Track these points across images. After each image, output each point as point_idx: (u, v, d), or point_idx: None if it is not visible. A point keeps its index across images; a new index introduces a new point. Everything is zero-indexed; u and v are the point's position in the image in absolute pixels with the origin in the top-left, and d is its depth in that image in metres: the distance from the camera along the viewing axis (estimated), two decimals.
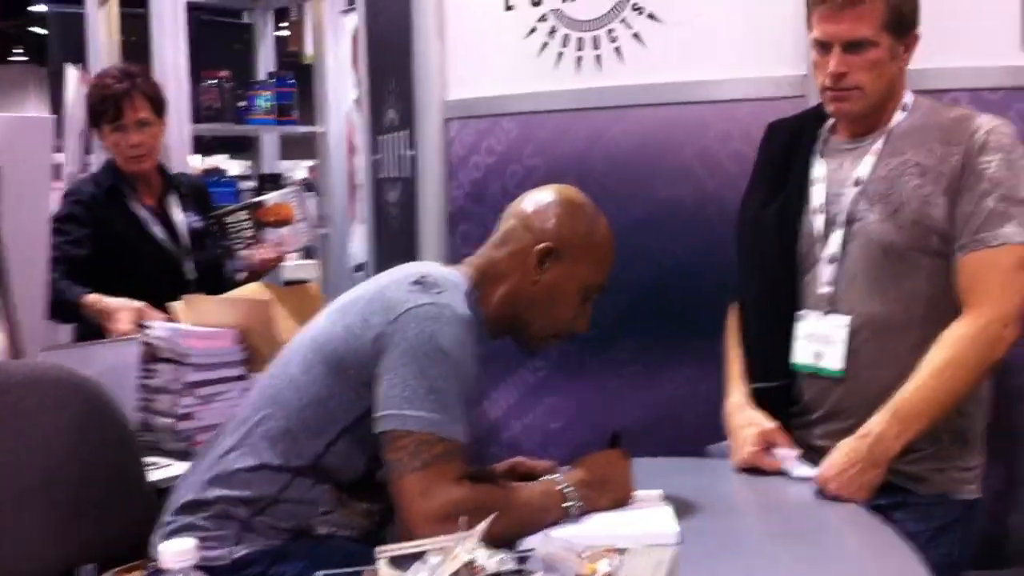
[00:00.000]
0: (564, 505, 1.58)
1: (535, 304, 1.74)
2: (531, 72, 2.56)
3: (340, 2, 4.79)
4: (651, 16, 2.39)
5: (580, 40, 2.47)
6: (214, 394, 2.35)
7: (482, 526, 0.93)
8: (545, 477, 1.64)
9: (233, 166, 6.88)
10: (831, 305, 1.92)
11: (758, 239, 2.04)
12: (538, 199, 1.79)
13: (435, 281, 1.64)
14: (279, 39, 5.43)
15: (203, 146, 4.86)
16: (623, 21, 2.42)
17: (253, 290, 2.71)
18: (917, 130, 1.92)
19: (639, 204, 2.42)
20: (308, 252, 6.08)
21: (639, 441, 2.30)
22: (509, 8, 2.59)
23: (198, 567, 1.08)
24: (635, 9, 2.40)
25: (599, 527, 1.53)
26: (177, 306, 2.55)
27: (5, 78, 16.07)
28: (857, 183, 1.92)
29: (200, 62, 4.40)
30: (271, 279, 3.01)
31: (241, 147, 5.58)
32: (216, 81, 4.40)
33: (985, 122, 1.87)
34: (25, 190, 2.23)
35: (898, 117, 1.94)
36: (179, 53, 4.22)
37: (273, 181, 4.68)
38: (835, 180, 1.96)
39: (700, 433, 2.12)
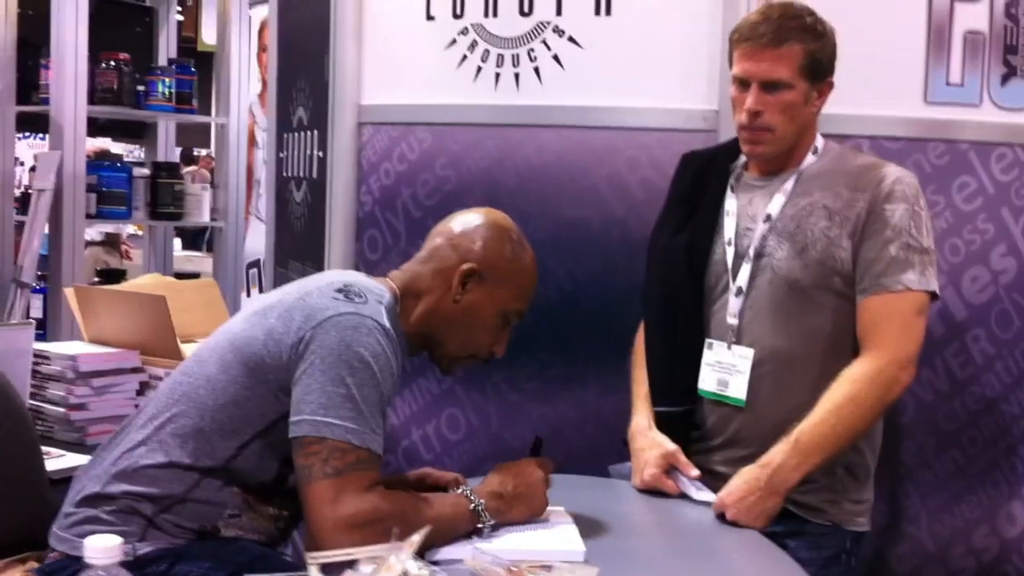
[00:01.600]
0: (474, 520, 1.60)
1: (453, 323, 1.77)
2: (449, 84, 2.58)
3: None
4: (571, 39, 2.44)
5: (500, 57, 2.51)
6: (108, 385, 2.32)
7: (416, 537, 0.95)
8: (457, 490, 1.66)
9: (118, 149, 6.72)
10: (736, 336, 1.98)
11: (668, 265, 2.09)
12: (466, 220, 1.82)
13: (359, 291, 1.66)
14: (180, 24, 5.34)
15: (96, 128, 4.75)
16: (543, 42, 2.46)
17: (148, 283, 2.67)
18: (826, 173, 1.99)
19: (547, 223, 2.46)
20: (198, 244, 5.98)
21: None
22: (430, 18, 2.60)
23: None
24: (556, 31, 2.45)
25: (508, 542, 1.56)
26: (70, 296, 2.51)
27: None
28: (767, 219, 1.99)
29: (100, 43, 4.31)
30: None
31: (136, 132, 5.46)
32: (115, 63, 4.31)
33: (892, 171, 1.96)
34: None
35: (809, 159, 2.02)
36: (80, 30, 4.14)
37: (168, 169, 4.59)
38: (745, 215, 2.03)
39: (598, 452, 2.17)
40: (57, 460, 2.07)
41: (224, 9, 4.77)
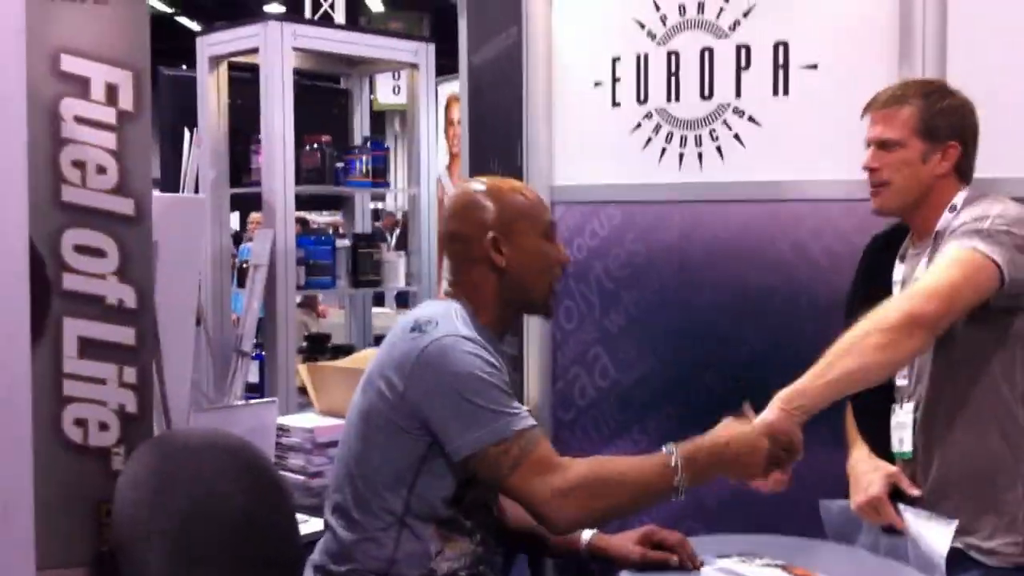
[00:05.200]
0: (671, 475, 1.79)
1: (521, 279, 1.97)
2: (635, 164, 2.77)
3: (432, 68, 5.05)
4: (751, 119, 2.60)
5: (683, 138, 2.68)
6: None
7: None
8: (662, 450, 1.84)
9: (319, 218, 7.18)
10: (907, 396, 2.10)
11: None
12: (447, 217, 2.03)
13: (428, 319, 1.86)
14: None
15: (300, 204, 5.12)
16: (724, 122, 2.63)
17: (370, 355, 2.93)
18: (958, 226, 2.04)
19: (733, 291, 2.61)
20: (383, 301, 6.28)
21: (737, 515, 2.51)
22: (616, 105, 2.80)
23: None
24: (736, 112, 2.61)
25: None
26: (303, 372, 2.79)
27: None
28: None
29: (302, 124, 4.66)
30: None
31: (333, 204, 5.86)
32: (317, 145, 4.67)
33: (995, 208, 2.02)
34: (179, 266, 2.49)
35: (946, 218, 2.08)
36: (287, 117, 4.48)
37: (367, 239, 4.93)
38: (911, 282, 2.12)
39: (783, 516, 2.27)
40: (304, 525, 2.33)
41: (412, 86, 5.09)
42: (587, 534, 2.05)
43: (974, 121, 2.12)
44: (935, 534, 1.97)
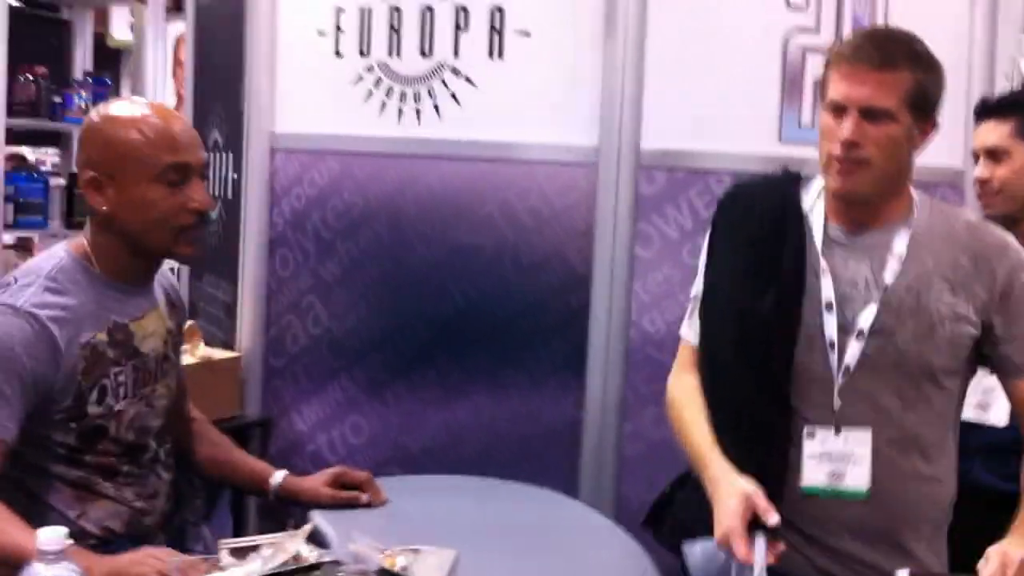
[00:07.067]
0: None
1: (128, 226, 1.80)
2: (356, 116, 2.79)
3: (161, 7, 4.89)
4: (467, 79, 2.68)
5: (403, 94, 2.74)
6: None
7: (307, 527, 1.18)
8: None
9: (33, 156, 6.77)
10: (837, 420, 1.74)
11: (750, 339, 1.78)
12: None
13: (20, 274, 1.78)
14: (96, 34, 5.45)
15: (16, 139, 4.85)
16: (443, 81, 2.70)
17: None
18: (936, 237, 1.78)
19: (445, 246, 2.70)
20: None
21: (437, 459, 2.62)
22: (339, 55, 2.82)
23: None
24: (453, 72, 2.69)
25: None
26: None
27: None
28: (883, 289, 1.75)
29: (17, 54, 4.41)
30: None
31: (52, 140, 5.56)
32: (32, 77, 4.43)
33: (999, 233, 1.82)
34: None
35: (915, 215, 1.79)
36: None
37: None
38: (843, 279, 1.77)
39: (491, 453, 2.39)
40: None
41: (139, 18, 4.91)
42: (277, 477, 2.05)
43: None
44: None
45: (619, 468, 2.56)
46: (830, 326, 1.74)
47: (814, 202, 1.83)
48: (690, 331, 1.96)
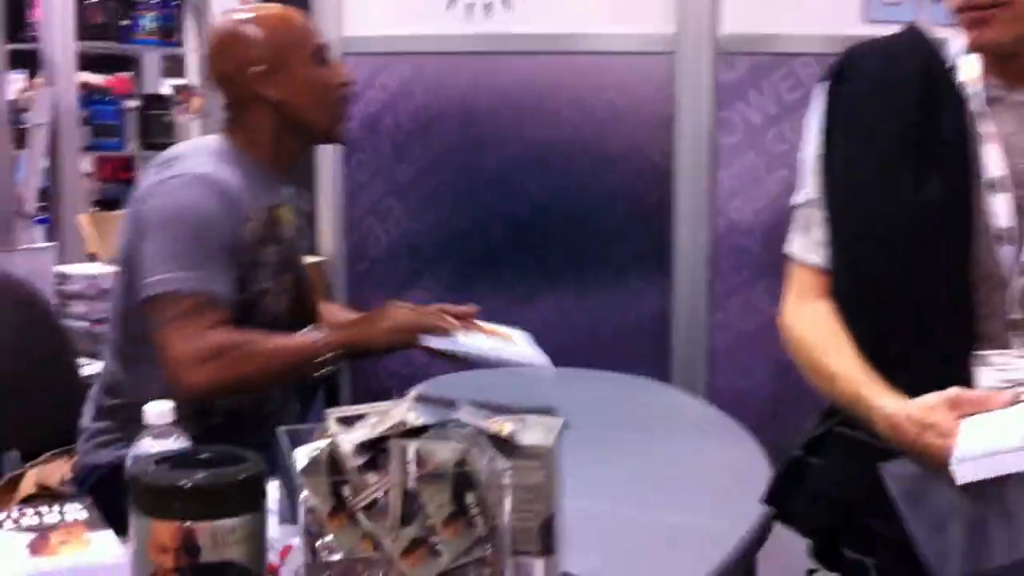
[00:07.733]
0: (317, 360, 1.74)
1: (298, 110, 1.88)
2: (425, 13, 2.77)
3: None
4: None
5: None
6: None
7: (412, 393, 1.18)
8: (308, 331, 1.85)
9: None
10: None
11: (923, 235, 1.38)
12: (209, 57, 1.92)
13: (177, 155, 1.82)
14: None
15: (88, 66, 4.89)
16: None
17: None
18: None
19: (519, 143, 2.68)
20: None
21: None
22: None
23: None
24: None
25: (479, 342, 1.83)
26: (84, 222, 2.72)
27: None
28: None
29: None
30: None
31: (122, 66, 5.60)
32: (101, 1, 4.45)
33: None
34: None
35: None
36: None
37: (157, 101, 4.76)
38: (1016, 148, 1.37)
39: (575, 347, 2.39)
40: (88, 367, 2.31)
41: None
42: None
43: None
44: None
45: (710, 359, 2.54)
46: (1002, 210, 1.35)
47: (960, 59, 1.42)
48: (806, 248, 1.51)
